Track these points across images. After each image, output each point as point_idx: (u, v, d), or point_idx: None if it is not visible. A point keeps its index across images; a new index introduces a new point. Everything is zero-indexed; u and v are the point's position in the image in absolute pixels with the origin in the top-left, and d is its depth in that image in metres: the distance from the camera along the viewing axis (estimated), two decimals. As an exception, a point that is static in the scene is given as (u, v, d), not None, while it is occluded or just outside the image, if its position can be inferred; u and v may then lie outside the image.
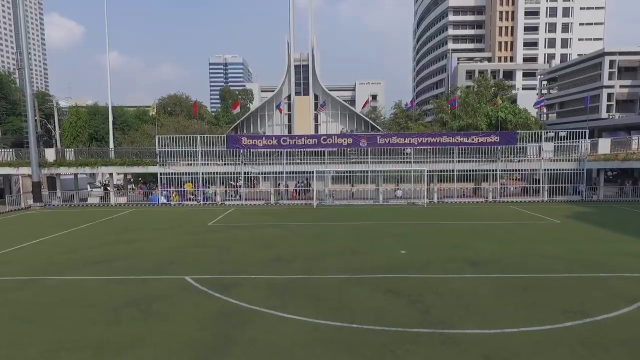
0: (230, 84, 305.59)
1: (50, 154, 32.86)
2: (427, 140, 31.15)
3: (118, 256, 16.19)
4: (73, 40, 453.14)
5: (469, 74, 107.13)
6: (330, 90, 63.14)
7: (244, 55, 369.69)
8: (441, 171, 31.84)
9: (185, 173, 32.37)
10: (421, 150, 31.49)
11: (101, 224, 24.10)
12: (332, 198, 32.48)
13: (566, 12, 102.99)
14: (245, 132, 65.31)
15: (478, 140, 31.11)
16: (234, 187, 33.34)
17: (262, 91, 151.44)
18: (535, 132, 33.26)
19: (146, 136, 48.42)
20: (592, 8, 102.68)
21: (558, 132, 57.59)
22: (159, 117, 60.98)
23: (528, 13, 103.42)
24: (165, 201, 32.33)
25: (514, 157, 31.80)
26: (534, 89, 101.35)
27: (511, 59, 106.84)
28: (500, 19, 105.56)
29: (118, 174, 51.31)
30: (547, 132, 34.53)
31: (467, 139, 31.13)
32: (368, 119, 66.67)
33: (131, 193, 39.13)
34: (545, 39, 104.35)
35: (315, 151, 31.77)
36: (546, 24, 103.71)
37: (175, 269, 14.45)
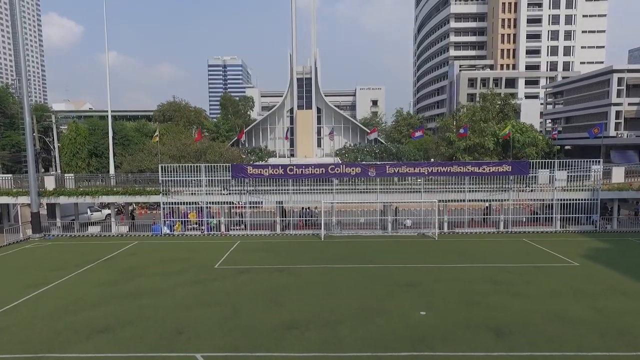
0: (229, 85, 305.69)
1: (49, 182, 31.98)
2: (438, 170, 30.40)
3: (123, 321, 15.33)
4: (72, 40, 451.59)
5: (471, 82, 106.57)
6: (330, 95, 62.40)
7: (243, 56, 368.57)
8: (451, 201, 31.06)
9: (189, 202, 31.52)
10: (431, 179, 30.73)
11: (104, 266, 23.25)
12: (340, 227, 31.67)
13: (569, 19, 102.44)
14: (246, 144, 64.53)
15: (489, 169, 30.34)
16: (238, 208, 32.35)
17: (262, 96, 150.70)
18: (546, 155, 32.43)
19: (147, 154, 47.51)
20: (595, 16, 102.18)
21: (563, 146, 56.92)
22: (161, 138, 60.08)
23: (530, 20, 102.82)
24: (168, 231, 31.48)
25: (526, 185, 31.02)
26: (537, 97, 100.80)
27: (513, 67, 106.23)
28: (503, 26, 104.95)
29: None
30: (557, 153, 33.62)
31: (478, 169, 30.36)
32: (375, 135, 65.80)
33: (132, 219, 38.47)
34: (547, 46, 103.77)
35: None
36: (549, 31, 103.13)
37: (185, 341, 13.62)
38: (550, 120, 71.17)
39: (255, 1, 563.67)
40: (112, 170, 50.92)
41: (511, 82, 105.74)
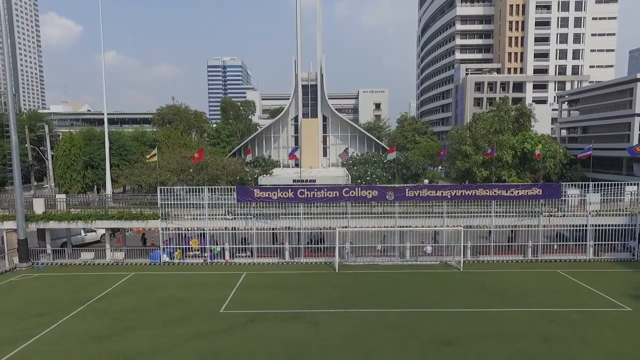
0: (228, 86, 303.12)
1: (38, 205, 29.36)
2: (462, 193, 27.86)
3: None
4: (72, 39, 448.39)
5: (478, 86, 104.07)
6: (332, 98, 59.59)
7: (242, 57, 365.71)
8: (476, 227, 28.55)
9: (191, 228, 28.94)
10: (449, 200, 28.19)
11: (95, 309, 20.64)
12: (355, 255, 29.11)
13: (578, 22, 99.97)
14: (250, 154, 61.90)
15: (518, 193, 27.82)
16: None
17: (263, 99, 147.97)
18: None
19: (146, 167, 44.88)
20: (605, 18, 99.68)
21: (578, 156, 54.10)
22: (161, 148, 57.46)
23: (539, 23, 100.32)
24: (167, 259, 28.89)
25: (557, 210, 28.51)
26: (545, 101, 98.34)
27: (521, 70, 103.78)
28: (510, 29, 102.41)
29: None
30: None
31: (507, 192, 27.84)
32: (383, 145, 63.23)
33: (129, 237, 35.94)
34: (556, 50, 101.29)
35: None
36: (557, 34, 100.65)
37: None
38: (565, 129, 68.52)
39: (254, 1, 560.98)
40: (108, 183, 48.42)
41: (519, 86, 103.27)
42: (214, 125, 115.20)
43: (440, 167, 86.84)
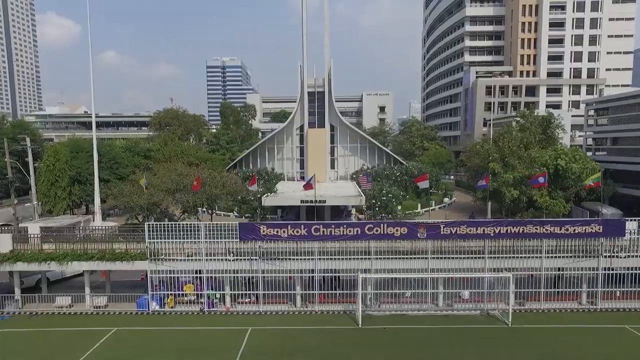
0: (228, 87, 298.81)
1: (4, 243, 24.82)
2: (507, 230, 23.40)
3: None
4: (71, 39, 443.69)
5: (489, 90, 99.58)
6: (336, 101, 54.93)
7: (242, 57, 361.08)
8: (524, 270, 24.08)
9: (184, 271, 24.45)
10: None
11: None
12: (379, 302, 24.65)
13: (594, 23, 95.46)
14: (251, 166, 57.45)
15: (575, 230, 23.38)
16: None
17: (263, 102, 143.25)
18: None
19: (137, 186, 40.30)
20: (622, 19, 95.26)
21: (607, 170, 49.79)
22: (155, 163, 53.13)
23: (553, 24, 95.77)
24: (157, 307, 24.40)
25: (620, 249, 24.07)
26: (559, 106, 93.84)
27: (534, 74, 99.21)
28: (523, 30, 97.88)
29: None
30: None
31: (561, 229, 23.39)
32: (395, 155, 58.78)
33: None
34: (571, 52, 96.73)
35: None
36: (572, 36, 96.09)
37: None
38: (591, 138, 63.90)
39: (254, 1, 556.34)
40: (97, 202, 44.11)
41: (531, 90, 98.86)
42: (213, 130, 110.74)
43: (451, 177, 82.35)
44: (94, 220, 45.49)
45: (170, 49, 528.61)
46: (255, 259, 24.02)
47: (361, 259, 23.94)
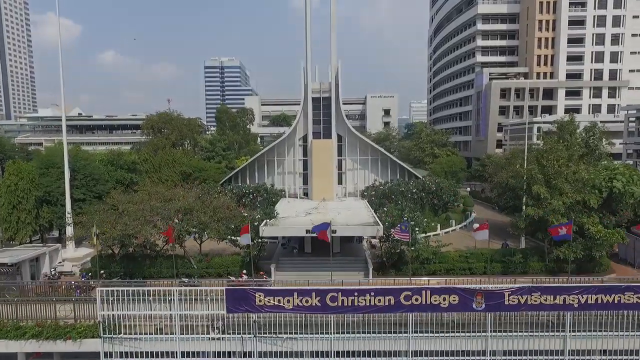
0: (226, 87, 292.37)
1: None
2: (597, 299, 16.87)
3: None
4: (70, 39, 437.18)
5: (503, 92, 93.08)
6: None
7: (241, 57, 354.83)
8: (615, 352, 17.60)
9: (153, 354, 17.86)
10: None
11: None
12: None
13: (616, 21, 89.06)
14: (248, 181, 50.97)
15: (692, 299, 16.89)
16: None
17: (262, 105, 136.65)
18: None
19: (111, 213, 33.74)
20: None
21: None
22: (144, 175, 46.73)
23: (572, 22, 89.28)
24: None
25: None
26: (579, 110, 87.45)
27: (552, 75, 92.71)
28: (540, 29, 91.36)
29: (73, 265, 37.16)
30: None
31: (673, 298, 16.90)
32: (410, 169, 52.21)
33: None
34: (592, 52, 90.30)
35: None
36: (593, 35, 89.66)
37: None
38: (634, 150, 57.40)
39: (253, 1, 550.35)
40: (68, 228, 38.00)
41: (549, 93, 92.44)
42: (209, 135, 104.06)
43: (467, 188, 75.70)
44: (65, 248, 39.19)
45: (170, 49, 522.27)
46: (249, 337, 17.48)
47: (394, 338, 17.41)
